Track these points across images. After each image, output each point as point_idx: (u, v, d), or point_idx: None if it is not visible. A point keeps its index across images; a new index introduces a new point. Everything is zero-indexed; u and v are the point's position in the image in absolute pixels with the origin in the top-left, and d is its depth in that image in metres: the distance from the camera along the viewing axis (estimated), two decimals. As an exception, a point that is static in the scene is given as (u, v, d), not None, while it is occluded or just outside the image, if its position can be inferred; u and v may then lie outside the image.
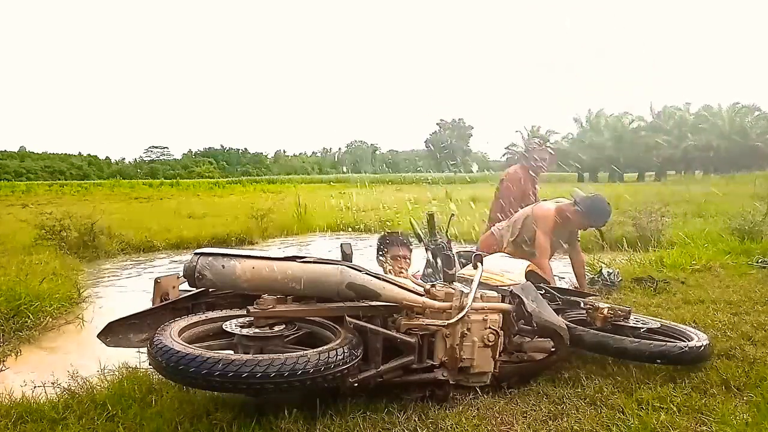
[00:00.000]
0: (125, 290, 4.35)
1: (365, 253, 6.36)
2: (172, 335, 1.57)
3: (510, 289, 2.00)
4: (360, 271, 1.66)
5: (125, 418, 1.70)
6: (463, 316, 1.76)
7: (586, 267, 4.31)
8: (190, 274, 1.58)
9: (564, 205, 3.39)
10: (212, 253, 1.61)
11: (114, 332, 1.91)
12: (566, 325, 2.06)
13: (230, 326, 1.68)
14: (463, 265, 2.73)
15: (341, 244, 2.39)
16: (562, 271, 4.27)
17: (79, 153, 68.25)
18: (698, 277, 3.82)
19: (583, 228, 3.44)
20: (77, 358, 2.70)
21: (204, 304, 2.02)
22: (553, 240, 3.34)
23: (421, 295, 1.80)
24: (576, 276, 3.60)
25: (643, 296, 3.34)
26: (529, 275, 2.44)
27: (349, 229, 7.91)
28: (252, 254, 1.65)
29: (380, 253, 2.84)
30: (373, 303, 1.70)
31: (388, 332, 1.73)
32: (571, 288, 3.35)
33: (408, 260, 2.83)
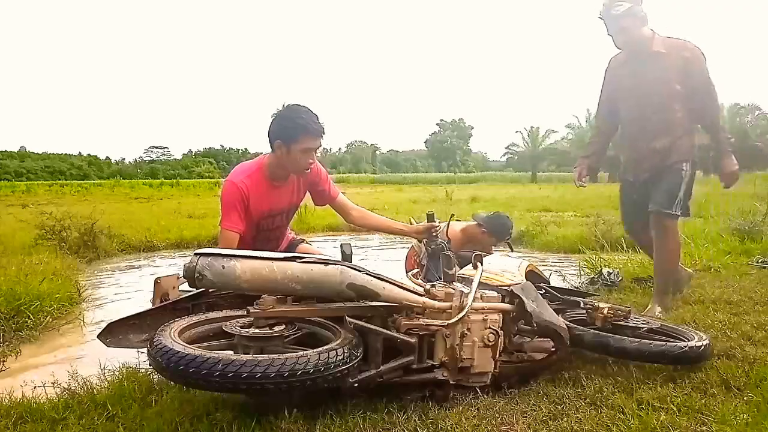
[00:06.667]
0: (125, 290, 4.34)
1: (367, 253, 6.36)
2: (172, 335, 1.57)
3: (510, 289, 2.00)
4: (360, 271, 1.66)
5: (125, 418, 1.69)
6: (463, 316, 1.76)
7: (585, 266, 4.33)
8: (190, 275, 1.58)
9: (469, 226, 3.82)
10: (212, 253, 1.61)
11: (114, 333, 1.91)
12: (566, 325, 2.06)
13: (230, 327, 1.68)
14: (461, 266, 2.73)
15: (341, 244, 2.39)
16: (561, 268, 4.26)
17: (79, 153, 68.46)
18: (698, 277, 3.82)
19: (491, 244, 3.82)
20: (77, 358, 2.70)
21: (204, 304, 2.02)
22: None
23: (421, 295, 1.80)
24: None
25: (643, 296, 3.33)
26: (529, 275, 2.44)
27: (349, 229, 7.89)
28: (252, 254, 1.65)
29: None
30: (373, 303, 1.70)
31: (388, 332, 1.73)
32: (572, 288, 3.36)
33: None
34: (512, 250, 4.05)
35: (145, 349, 1.67)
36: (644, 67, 2.94)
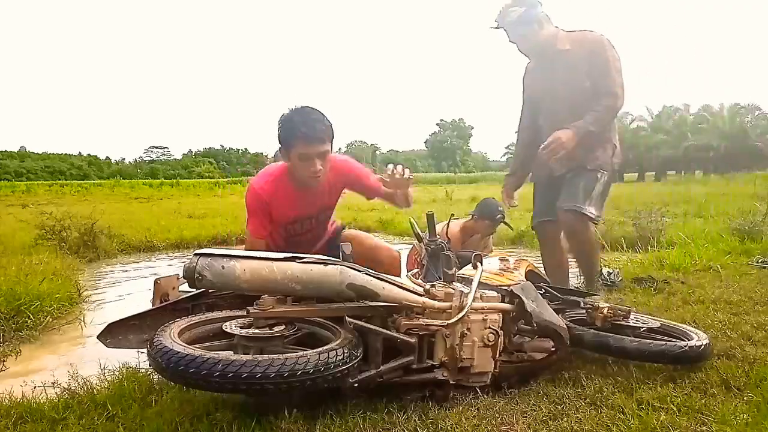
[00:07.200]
0: (125, 290, 4.34)
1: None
2: (172, 336, 1.57)
3: (510, 289, 2.00)
4: (360, 271, 1.66)
5: (125, 418, 1.69)
6: (463, 316, 1.76)
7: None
8: (190, 275, 1.58)
9: (464, 221, 4.04)
10: (212, 253, 1.61)
11: (114, 333, 1.91)
12: (566, 325, 2.06)
13: (230, 327, 1.68)
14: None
15: (341, 243, 2.39)
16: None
17: (79, 153, 68.65)
18: (698, 277, 3.82)
19: (488, 231, 3.99)
20: (77, 358, 2.70)
21: (204, 304, 2.02)
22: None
23: (421, 295, 1.80)
24: None
25: (643, 296, 3.33)
26: (529, 275, 2.44)
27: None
28: (252, 254, 1.64)
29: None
30: (373, 303, 1.70)
31: (388, 332, 1.73)
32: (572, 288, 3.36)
33: None
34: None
35: (145, 350, 1.67)
36: (552, 68, 2.79)
